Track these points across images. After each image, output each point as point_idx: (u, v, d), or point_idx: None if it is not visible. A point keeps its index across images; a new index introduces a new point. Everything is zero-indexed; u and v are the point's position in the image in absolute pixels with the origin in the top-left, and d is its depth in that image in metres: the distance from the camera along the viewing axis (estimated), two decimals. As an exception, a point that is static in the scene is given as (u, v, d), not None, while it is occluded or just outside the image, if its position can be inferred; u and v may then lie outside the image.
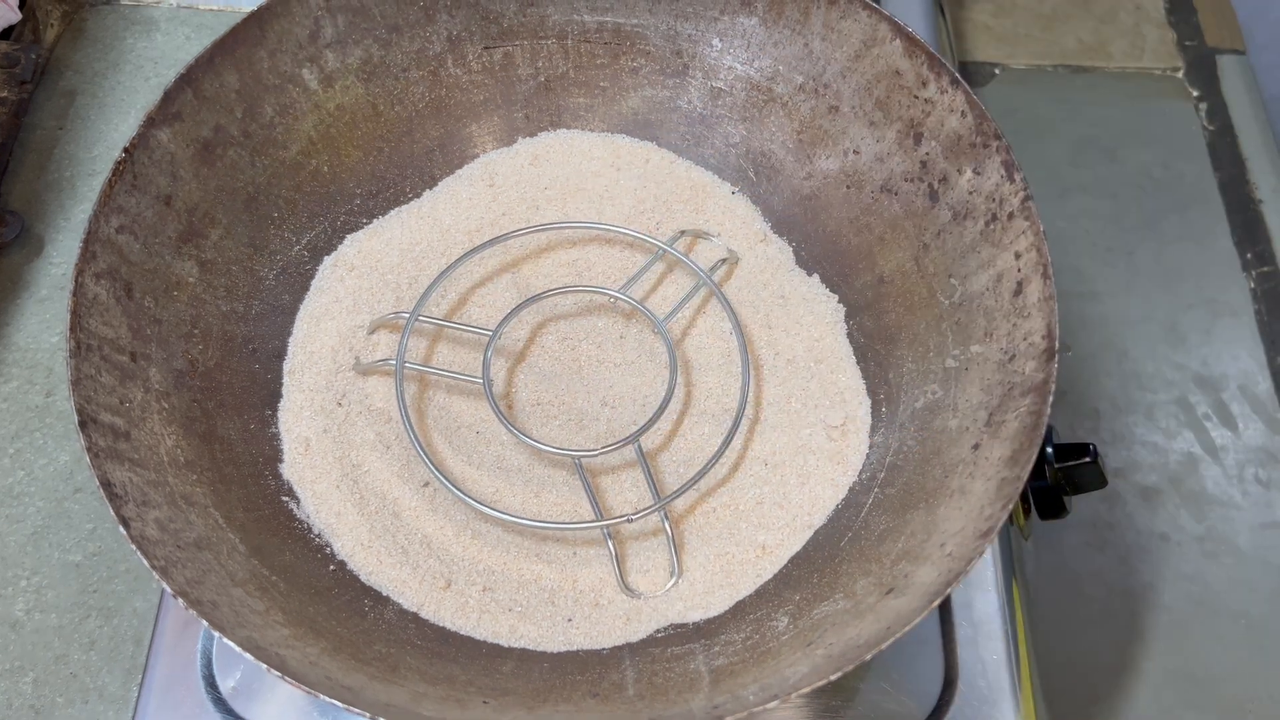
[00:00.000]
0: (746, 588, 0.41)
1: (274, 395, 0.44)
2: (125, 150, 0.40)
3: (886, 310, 0.46)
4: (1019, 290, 0.40)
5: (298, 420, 0.44)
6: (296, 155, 0.47)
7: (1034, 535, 0.54)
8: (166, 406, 0.40)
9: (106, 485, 0.35)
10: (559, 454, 0.43)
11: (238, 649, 0.32)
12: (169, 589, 0.33)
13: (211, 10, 0.69)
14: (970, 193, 0.43)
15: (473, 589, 0.41)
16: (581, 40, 0.50)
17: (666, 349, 0.46)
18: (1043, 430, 0.36)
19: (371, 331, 0.47)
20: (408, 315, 0.45)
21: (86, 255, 0.38)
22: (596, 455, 0.44)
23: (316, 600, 0.39)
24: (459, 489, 0.41)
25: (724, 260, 0.49)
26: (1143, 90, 0.72)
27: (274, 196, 0.46)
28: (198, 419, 0.41)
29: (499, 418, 0.43)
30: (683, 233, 0.49)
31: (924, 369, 0.44)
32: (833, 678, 0.32)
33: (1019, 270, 0.40)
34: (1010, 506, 0.35)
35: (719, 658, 0.38)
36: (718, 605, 0.41)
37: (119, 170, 0.40)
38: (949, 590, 0.33)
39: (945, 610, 0.46)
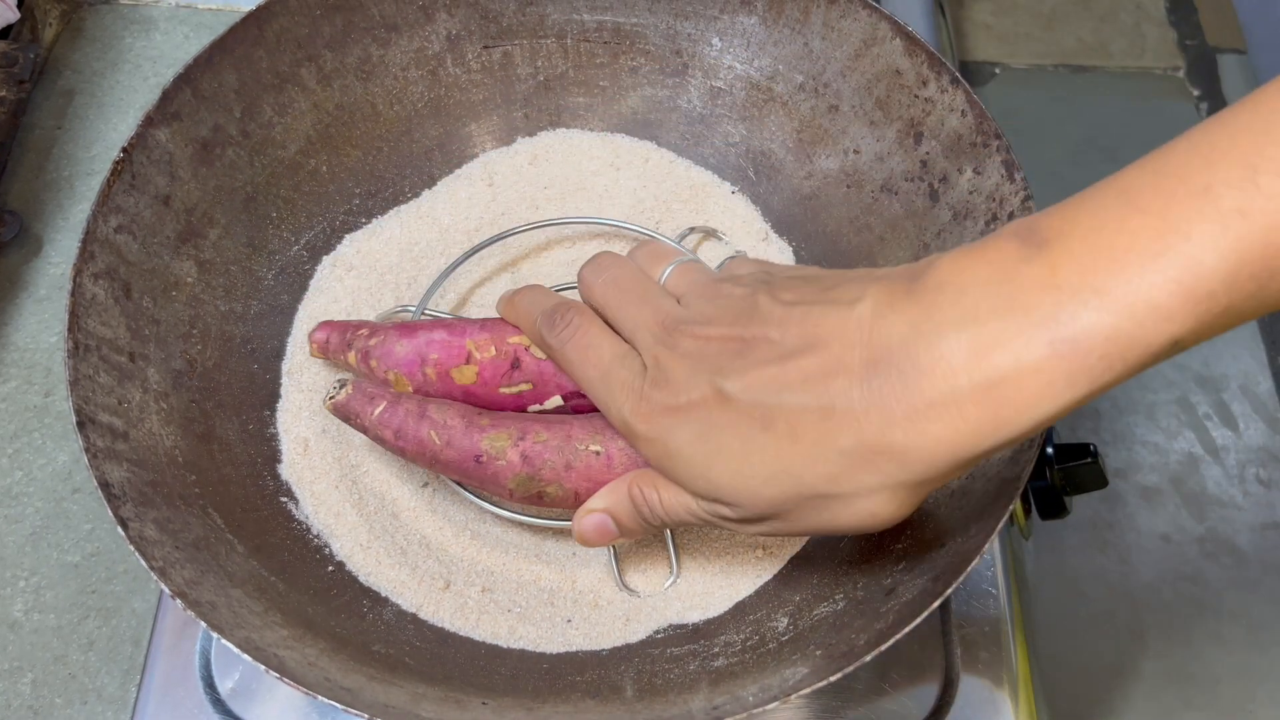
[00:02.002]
0: (746, 588, 0.41)
1: (272, 395, 0.44)
2: (124, 150, 0.40)
3: (886, 310, 0.46)
4: (1019, 290, 0.40)
5: (296, 420, 0.44)
6: (295, 155, 0.47)
7: (1034, 535, 0.54)
8: (165, 407, 0.40)
9: (105, 485, 0.35)
10: (558, 454, 0.43)
11: (236, 650, 0.32)
12: (167, 590, 0.33)
13: (210, 10, 0.68)
14: (970, 192, 0.42)
15: (472, 590, 0.41)
16: (581, 39, 0.50)
17: (666, 349, 0.45)
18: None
19: (370, 331, 0.46)
20: (412, 310, 0.45)
21: (85, 255, 0.38)
22: (596, 455, 0.44)
23: (315, 601, 0.39)
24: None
25: (728, 260, 0.49)
26: (1143, 90, 0.72)
27: (273, 196, 0.46)
28: (196, 419, 0.41)
29: (498, 418, 0.43)
30: (691, 229, 0.49)
31: (924, 369, 0.43)
32: (833, 678, 0.32)
33: (1019, 270, 0.40)
34: (1010, 506, 0.35)
35: (718, 659, 0.38)
36: (717, 606, 0.41)
37: (117, 170, 0.40)
38: (949, 590, 0.33)
39: (945, 610, 0.46)
